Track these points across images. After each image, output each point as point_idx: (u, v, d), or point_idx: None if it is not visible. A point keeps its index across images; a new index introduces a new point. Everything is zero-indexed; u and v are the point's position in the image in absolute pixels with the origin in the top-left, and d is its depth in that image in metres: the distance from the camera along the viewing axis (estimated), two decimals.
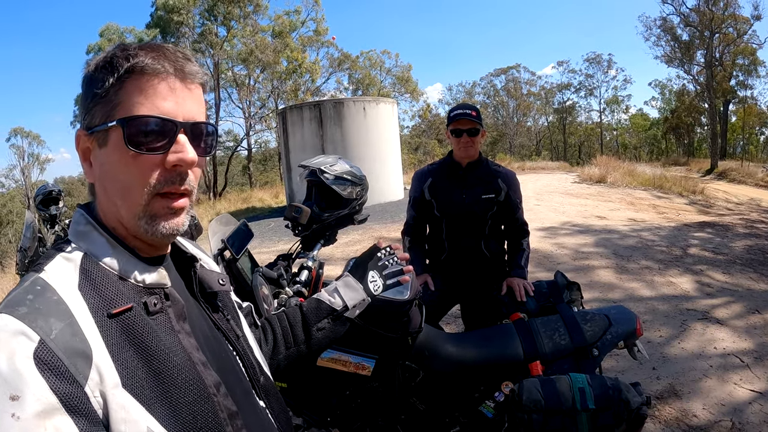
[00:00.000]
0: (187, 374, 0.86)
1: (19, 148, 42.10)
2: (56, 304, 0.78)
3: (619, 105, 53.49)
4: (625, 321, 2.32)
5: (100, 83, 0.86)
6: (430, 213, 3.06)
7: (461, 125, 2.89)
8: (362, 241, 9.60)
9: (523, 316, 2.45)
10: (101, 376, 0.75)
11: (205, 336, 1.00)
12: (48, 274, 0.83)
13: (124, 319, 0.83)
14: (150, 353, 0.83)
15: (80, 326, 0.77)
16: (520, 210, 3.04)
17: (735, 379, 3.91)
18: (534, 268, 6.96)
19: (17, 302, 0.76)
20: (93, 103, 0.87)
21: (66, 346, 0.73)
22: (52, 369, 0.71)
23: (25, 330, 0.72)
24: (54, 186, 5.85)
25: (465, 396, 2.23)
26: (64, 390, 0.71)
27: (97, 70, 0.87)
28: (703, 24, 30.18)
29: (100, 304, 0.82)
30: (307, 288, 2.29)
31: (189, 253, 1.10)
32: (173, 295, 0.93)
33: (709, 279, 6.40)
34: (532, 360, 2.18)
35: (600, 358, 2.23)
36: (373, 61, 39.38)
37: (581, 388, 1.88)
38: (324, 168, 2.42)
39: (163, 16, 30.46)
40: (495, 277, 2.97)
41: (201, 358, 0.91)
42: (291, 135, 15.95)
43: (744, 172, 25.48)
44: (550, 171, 23.82)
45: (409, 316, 2.09)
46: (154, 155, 0.86)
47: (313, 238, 2.49)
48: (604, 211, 11.66)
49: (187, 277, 1.08)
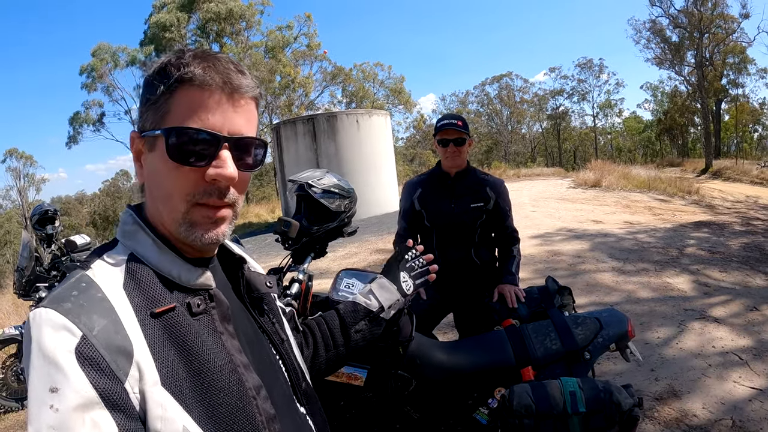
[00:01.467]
0: (227, 376, 0.86)
1: (14, 169, 42.20)
2: (100, 301, 0.79)
3: (612, 109, 53.67)
4: (617, 323, 2.32)
5: (153, 89, 0.87)
6: (420, 224, 3.07)
7: (447, 135, 2.90)
8: (358, 253, 9.61)
9: (515, 322, 2.45)
10: (141, 373, 0.77)
11: (249, 338, 1.00)
12: (94, 271, 0.85)
13: (167, 318, 0.84)
14: (191, 353, 0.83)
15: (123, 324, 0.79)
16: (509, 217, 3.04)
17: (734, 377, 3.91)
18: (531, 275, 6.98)
19: (62, 298, 0.78)
20: (146, 107, 0.89)
21: (108, 342, 0.75)
22: (93, 364, 0.72)
23: (68, 325, 0.74)
24: (50, 206, 5.85)
25: (459, 403, 2.23)
26: (104, 385, 0.72)
27: (153, 75, 0.88)
28: (692, 25, 30.35)
29: (143, 303, 0.83)
30: (297, 301, 2.29)
31: (237, 255, 1.10)
32: (218, 297, 0.93)
33: (706, 278, 6.41)
34: (524, 365, 2.17)
35: (592, 361, 2.22)
36: (366, 73, 39.66)
37: (572, 392, 1.87)
38: (312, 182, 2.44)
39: (156, 33, 30.58)
40: (486, 284, 2.97)
41: (243, 361, 0.91)
42: (285, 150, 16.01)
43: (739, 170, 25.55)
44: (546, 177, 23.88)
45: (398, 325, 2.09)
46: (194, 168, 0.86)
47: (303, 251, 2.50)
48: (599, 215, 11.67)
49: (234, 279, 1.08)
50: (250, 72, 0.95)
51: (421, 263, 1.63)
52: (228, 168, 0.87)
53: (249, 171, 0.93)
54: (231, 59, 0.92)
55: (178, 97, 0.86)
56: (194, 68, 0.85)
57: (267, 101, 32.89)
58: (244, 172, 0.92)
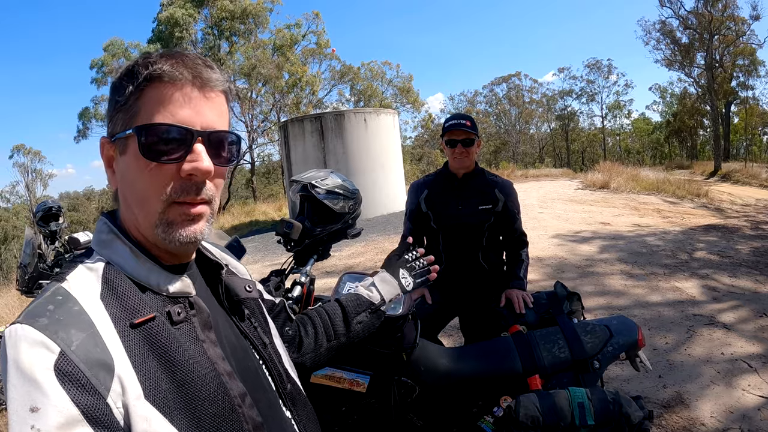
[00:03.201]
0: (212, 385, 0.85)
1: (22, 164, 42.37)
2: (77, 314, 0.77)
3: (621, 110, 53.32)
4: (627, 331, 2.27)
5: (122, 91, 0.86)
6: (426, 225, 3.02)
7: (455, 135, 2.85)
8: (365, 252, 9.56)
9: (522, 328, 2.40)
10: (123, 387, 0.75)
11: (232, 345, 0.98)
12: (70, 283, 0.82)
13: (147, 328, 0.82)
14: (173, 363, 0.82)
15: (102, 337, 0.76)
16: (518, 220, 2.98)
17: (743, 385, 3.84)
18: (539, 277, 6.93)
19: (38, 313, 0.75)
20: (115, 110, 0.87)
21: (87, 357, 0.73)
22: (74, 380, 0.70)
23: (45, 341, 0.71)
24: (54, 202, 5.89)
25: (463, 411, 2.19)
26: (86, 401, 0.70)
27: (120, 78, 0.87)
28: (702, 26, 30.13)
29: (122, 314, 0.81)
30: (298, 305, 2.25)
31: (215, 261, 1.08)
32: (198, 304, 0.92)
33: (716, 283, 6.33)
34: (531, 374, 2.13)
35: (601, 370, 2.18)
36: (375, 72, 39.57)
37: (581, 403, 1.82)
38: (315, 182, 2.39)
39: (164, 31, 30.60)
40: (493, 289, 2.92)
41: (226, 368, 0.90)
42: (293, 148, 15.99)
43: (748, 173, 25.32)
44: (554, 178, 23.75)
45: (402, 331, 2.06)
46: (169, 164, 0.85)
47: (305, 253, 2.46)
48: (608, 217, 11.58)
49: (213, 285, 1.06)
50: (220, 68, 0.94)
51: (422, 264, 1.67)
52: (203, 161, 0.86)
53: (224, 165, 0.92)
54: (199, 56, 0.91)
55: (147, 96, 0.85)
56: (162, 65, 0.84)
57: (275, 99, 32.88)
58: (220, 167, 0.91)
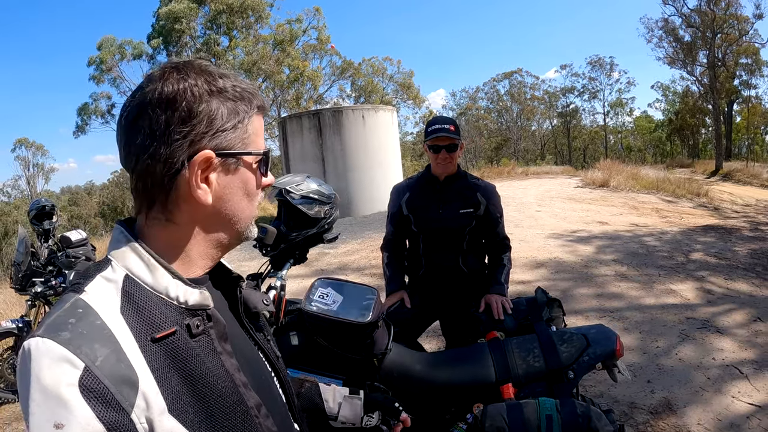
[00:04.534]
0: (230, 397, 0.86)
1: (23, 158, 42.32)
2: (100, 329, 0.76)
3: (623, 108, 53.22)
4: (604, 341, 2.23)
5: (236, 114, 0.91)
6: (407, 228, 2.99)
7: (440, 141, 2.82)
8: (360, 250, 9.55)
9: (500, 335, 2.37)
10: (147, 403, 0.75)
11: (245, 356, 0.99)
12: (89, 295, 0.81)
13: (168, 342, 0.81)
14: (194, 377, 0.82)
15: (125, 352, 0.76)
16: (500, 224, 2.95)
17: (733, 392, 3.80)
18: (533, 277, 6.93)
19: (59, 326, 0.74)
20: (224, 127, 0.89)
21: (112, 373, 0.72)
22: (98, 397, 0.70)
23: (69, 356, 0.70)
24: (47, 201, 5.92)
25: (436, 418, 2.17)
26: (111, 418, 0.70)
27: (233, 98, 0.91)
28: (705, 24, 29.99)
29: (143, 329, 0.80)
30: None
31: (234, 273, 1.08)
32: (215, 316, 0.91)
33: (711, 286, 6.29)
34: (504, 382, 2.10)
35: (576, 380, 2.14)
36: (376, 68, 39.46)
37: (549, 415, 1.79)
38: (290, 188, 2.39)
39: (165, 26, 30.56)
40: (473, 293, 2.89)
41: (242, 379, 0.90)
42: (291, 144, 15.96)
43: (749, 172, 25.22)
44: (554, 176, 23.71)
45: (372, 338, 2.04)
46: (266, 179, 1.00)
47: (282, 257, 2.45)
48: (606, 217, 11.55)
49: (229, 297, 1.06)
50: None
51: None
52: (271, 175, 1.01)
53: None
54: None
55: (256, 123, 0.94)
56: (261, 99, 0.96)
57: (275, 94, 32.84)
58: None
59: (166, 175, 0.85)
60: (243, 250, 11.06)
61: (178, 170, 0.86)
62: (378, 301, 2.09)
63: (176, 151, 0.85)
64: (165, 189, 0.87)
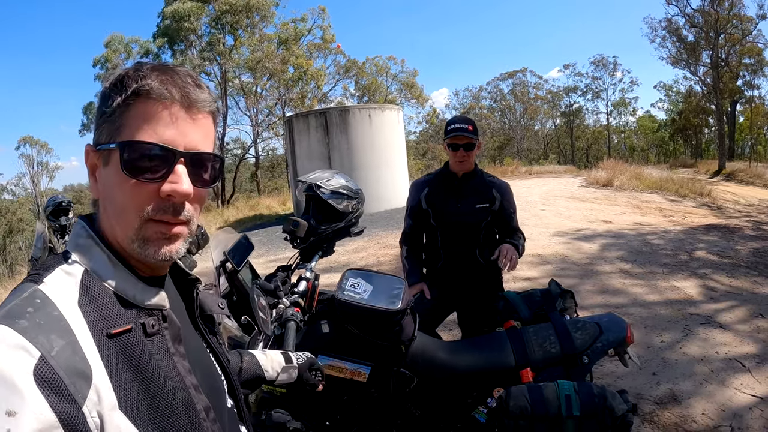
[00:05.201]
0: (180, 398, 0.85)
1: (28, 156, 42.24)
2: (57, 320, 0.75)
3: (626, 107, 53.15)
4: (616, 329, 2.37)
5: (109, 102, 0.85)
6: (426, 222, 3.14)
7: (458, 140, 2.97)
8: (368, 247, 9.65)
9: (516, 323, 2.50)
10: (99, 397, 0.74)
11: (197, 359, 0.99)
12: (47, 286, 0.80)
13: (123, 339, 0.81)
14: (146, 376, 0.82)
15: (80, 345, 0.75)
16: (514, 219, 3.12)
17: (736, 384, 3.92)
18: (538, 274, 7.02)
19: (17, 314, 0.74)
20: (102, 120, 0.87)
21: (67, 364, 0.72)
22: (53, 387, 0.69)
23: (25, 345, 0.70)
24: (63, 197, 5.99)
25: (459, 402, 2.29)
26: (64, 409, 0.69)
27: (109, 88, 0.86)
28: (709, 24, 29.98)
29: (100, 323, 0.80)
30: (303, 299, 2.36)
31: (191, 276, 1.08)
32: (170, 317, 0.92)
33: (714, 283, 6.40)
34: (523, 367, 2.23)
35: (590, 365, 2.27)
36: (379, 67, 39.43)
37: (567, 395, 1.92)
38: (320, 183, 2.50)
39: (170, 25, 30.58)
40: (489, 285, 3.03)
41: (193, 382, 0.90)
42: (297, 143, 16.03)
43: (752, 172, 25.21)
44: (558, 175, 23.73)
45: (401, 325, 2.16)
46: (149, 183, 0.84)
47: (310, 250, 2.56)
48: (610, 216, 11.63)
49: (186, 298, 1.07)
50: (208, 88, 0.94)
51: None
52: (183, 184, 0.85)
53: (205, 187, 0.92)
54: (189, 73, 0.91)
55: (134, 110, 0.84)
56: (151, 81, 0.84)
57: (280, 93, 32.86)
58: (200, 189, 0.90)
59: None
60: (261, 250, 11.18)
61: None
62: (406, 290, 2.22)
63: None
64: None
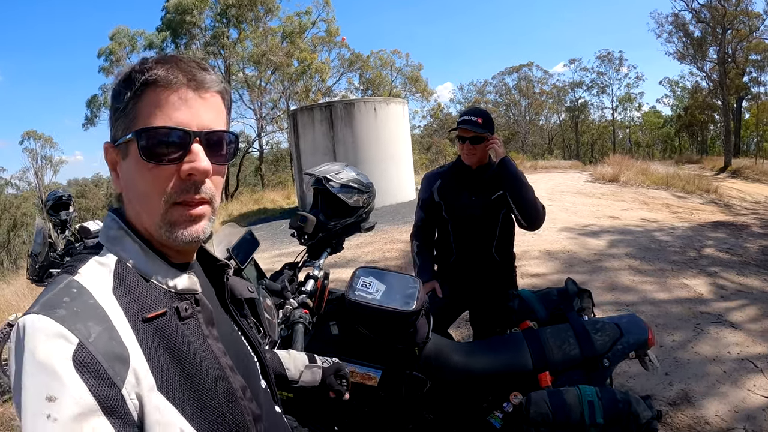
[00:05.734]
0: (217, 378, 0.88)
1: (32, 151, 42.25)
2: (93, 307, 0.79)
3: (631, 103, 52.91)
4: (637, 330, 2.28)
5: (121, 97, 0.88)
6: (438, 215, 3.05)
7: (465, 133, 2.88)
8: (373, 243, 9.58)
9: (533, 324, 2.42)
10: (138, 379, 0.77)
11: (230, 341, 1.01)
12: (82, 276, 0.84)
13: (158, 323, 0.84)
14: (182, 357, 0.84)
15: (117, 330, 0.79)
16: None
17: (749, 385, 3.85)
18: (548, 270, 6.99)
19: (54, 304, 0.77)
20: (116, 116, 0.90)
21: (104, 349, 0.75)
22: (91, 371, 0.72)
23: (63, 332, 0.73)
24: (64, 191, 5.90)
25: (473, 406, 2.21)
26: (103, 392, 0.72)
27: (119, 85, 0.90)
28: (716, 20, 29.75)
29: (134, 309, 0.83)
30: (312, 299, 2.27)
31: (221, 261, 1.11)
32: (203, 301, 0.95)
33: (724, 281, 6.31)
34: (542, 370, 2.14)
35: (610, 369, 2.19)
36: (384, 60, 39.36)
37: (590, 402, 1.84)
38: (330, 176, 2.41)
39: (173, 18, 30.49)
40: (503, 282, 2.95)
41: (228, 363, 0.93)
42: (302, 137, 15.98)
43: (758, 169, 25.06)
44: (563, 170, 23.64)
45: (415, 326, 2.07)
46: (168, 165, 0.87)
47: (319, 246, 2.48)
48: (617, 211, 11.55)
49: (216, 284, 1.10)
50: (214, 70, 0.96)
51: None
52: (201, 161, 0.88)
53: (223, 164, 0.95)
54: (193, 59, 0.94)
55: (145, 100, 0.87)
56: (158, 70, 0.87)
57: (284, 86, 32.81)
58: (218, 165, 0.94)
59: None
60: (266, 245, 11.11)
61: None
62: (421, 290, 2.13)
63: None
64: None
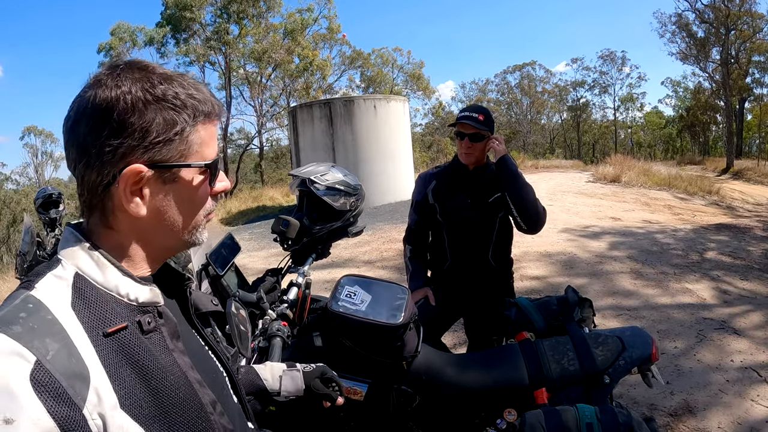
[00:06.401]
0: (184, 393, 0.86)
1: (32, 146, 42.35)
2: (51, 323, 0.75)
3: (633, 103, 52.88)
4: (641, 345, 2.15)
5: (174, 125, 0.86)
6: (432, 218, 2.91)
7: (464, 129, 2.74)
8: (371, 242, 9.48)
9: (530, 335, 2.29)
10: (99, 398, 0.73)
11: (198, 356, 0.99)
12: (39, 291, 0.80)
13: (120, 338, 0.81)
14: (147, 373, 0.81)
15: (76, 347, 0.75)
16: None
17: (752, 395, 3.73)
18: (547, 272, 6.88)
19: (9, 320, 0.73)
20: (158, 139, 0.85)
21: (63, 367, 0.71)
22: (50, 391, 0.68)
23: (20, 350, 0.69)
24: (54, 189, 5.86)
25: (465, 422, 2.09)
26: (63, 413, 0.68)
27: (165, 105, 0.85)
28: (719, 20, 29.71)
29: (94, 323, 0.79)
30: (292, 309, 2.13)
31: (184, 275, 1.09)
32: (166, 314, 0.92)
33: (727, 286, 6.20)
34: (538, 386, 2.02)
35: (612, 385, 2.06)
36: (385, 58, 39.24)
37: (589, 423, 1.71)
38: (314, 178, 2.28)
39: (173, 14, 30.36)
40: (500, 290, 2.82)
41: (196, 377, 0.90)
42: (301, 134, 15.89)
43: (760, 171, 24.96)
44: (564, 170, 23.58)
45: (403, 340, 1.95)
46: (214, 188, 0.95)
47: (303, 252, 2.35)
48: (618, 212, 11.45)
49: (178, 298, 1.07)
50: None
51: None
52: (226, 180, 0.97)
53: None
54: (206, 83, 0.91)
55: (202, 131, 0.90)
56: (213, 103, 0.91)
57: (285, 83, 32.71)
58: None
59: (99, 185, 0.85)
60: (263, 243, 11.00)
61: (110, 182, 0.85)
62: (410, 301, 2.00)
63: (107, 164, 0.83)
64: (101, 198, 0.86)
